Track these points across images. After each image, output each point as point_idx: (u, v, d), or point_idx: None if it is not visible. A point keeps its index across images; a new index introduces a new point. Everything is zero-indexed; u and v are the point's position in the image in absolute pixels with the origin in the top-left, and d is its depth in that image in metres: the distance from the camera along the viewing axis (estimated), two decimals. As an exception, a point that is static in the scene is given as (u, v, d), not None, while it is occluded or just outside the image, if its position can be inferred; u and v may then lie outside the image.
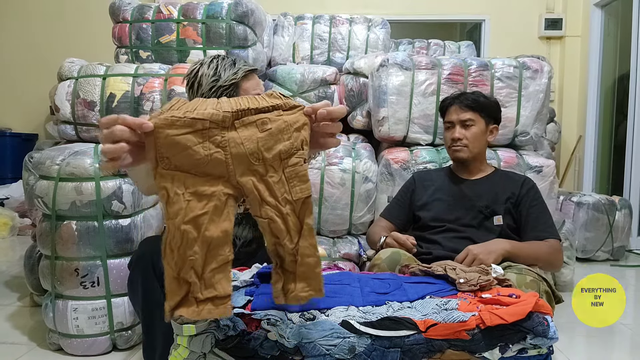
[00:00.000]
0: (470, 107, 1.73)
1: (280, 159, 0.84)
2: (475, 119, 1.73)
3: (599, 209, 3.45)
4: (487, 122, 1.76)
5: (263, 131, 0.84)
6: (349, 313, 1.02)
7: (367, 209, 2.30)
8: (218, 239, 0.82)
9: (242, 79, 1.46)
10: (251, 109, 0.84)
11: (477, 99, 1.75)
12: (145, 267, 1.34)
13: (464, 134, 1.73)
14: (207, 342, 0.99)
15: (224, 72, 1.46)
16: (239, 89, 1.46)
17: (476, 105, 1.73)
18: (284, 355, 0.95)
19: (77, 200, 1.77)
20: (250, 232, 1.64)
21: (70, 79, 2.46)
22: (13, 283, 2.73)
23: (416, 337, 0.95)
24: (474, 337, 0.95)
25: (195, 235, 0.81)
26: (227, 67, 1.47)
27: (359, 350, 0.94)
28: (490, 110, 1.77)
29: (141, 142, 0.82)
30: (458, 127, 1.74)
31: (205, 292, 0.82)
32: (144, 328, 1.44)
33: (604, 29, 4.73)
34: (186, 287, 0.82)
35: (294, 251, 0.85)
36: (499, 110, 1.82)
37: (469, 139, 1.72)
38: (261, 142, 0.83)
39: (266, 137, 0.84)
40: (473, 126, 1.73)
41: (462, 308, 1.02)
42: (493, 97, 1.88)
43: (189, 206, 0.81)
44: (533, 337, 0.96)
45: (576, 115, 4.98)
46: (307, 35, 3.42)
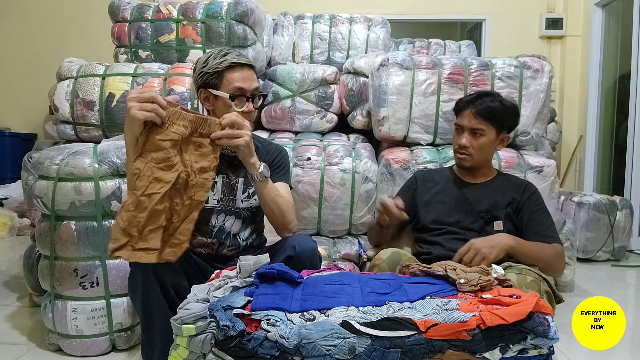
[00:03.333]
0: (483, 117, 1.66)
1: (201, 171, 1.32)
2: (487, 129, 1.67)
3: (599, 209, 3.44)
4: (499, 131, 1.70)
5: (197, 150, 1.33)
6: (349, 313, 1.01)
7: (367, 209, 2.29)
8: (160, 211, 1.23)
9: (227, 69, 1.50)
10: (200, 132, 1.33)
11: (493, 107, 1.66)
12: (145, 267, 1.34)
13: (472, 142, 1.68)
14: (206, 343, 0.99)
15: (213, 60, 1.51)
16: (223, 78, 1.50)
17: (490, 115, 1.66)
18: (283, 356, 0.95)
19: (76, 200, 1.76)
20: (252, 233, 1.66)
21: (69, 79, 2.45)
22: (12, 283, 2.72)
23: (416, 338, 0.95)
24: (475, 338, 0.95)
25: (147, 206, 1.22)
26: (218, 56, 1.52)
27: (359, 351, 0.94)
28: (505, 120, 1.70)
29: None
30: (467, 134, 1.69)
31: (141, 243, 1.22)
32: (143, 326, 1.44)
33: (605, 29, 4.73)
34: (127, 238, 1.21)
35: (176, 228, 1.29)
36: (515, 118, 1.75)
37: (475, 148, 1.68)
38: (194, 157, 1.32)
39: (198, 155, 1.33)
40: (482, 136, 1.67)
41: (462, 308, 1.01)
42: (511, 102, 1.75)
43: (150, 186, 1.23)
44: (534, 338, 0.96)
45: (577, 115, 4.98)
46: (307, 35, 3.41)
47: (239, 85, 1.50)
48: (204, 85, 1.53)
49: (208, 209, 1.58)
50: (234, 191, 1.59)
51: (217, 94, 1.51)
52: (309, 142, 2.48)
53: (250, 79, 1.53)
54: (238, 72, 1.51)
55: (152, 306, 1.35)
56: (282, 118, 2.80)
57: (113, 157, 1.83)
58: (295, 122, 2.79)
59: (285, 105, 2.79)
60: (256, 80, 1.56)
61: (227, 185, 1.58)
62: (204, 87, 1.53)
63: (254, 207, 1.63)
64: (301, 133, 2.79)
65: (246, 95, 1.52)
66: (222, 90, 1.50)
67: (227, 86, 1.50)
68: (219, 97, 1.51)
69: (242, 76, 1.51)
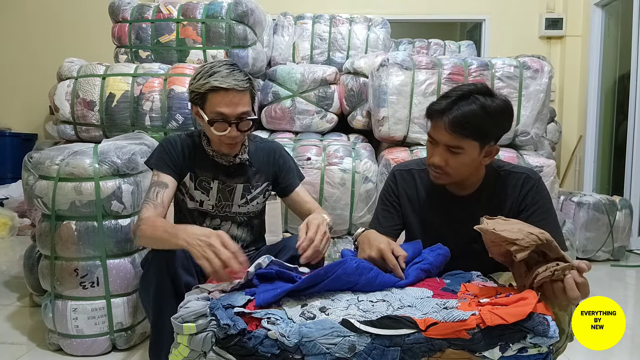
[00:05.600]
0: (460, 132, 1.27)
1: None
2: (467, 146, 1.29)
3: (599, 209, 3.44)
4: (482, 145, 1.31)
5: None
6: (349, 312, 1.02)
7: (367, 209, 2.29)
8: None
9: (210, 91, 1.41)
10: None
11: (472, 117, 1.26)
12: (160, 266, 1.34)
13: (448, 160, 1.32)
14: (207, 341, 0.99)
15: (200, 78, 1.43)
16: (206, 100, 1.43)
17: (470, 128, 1.27)
18: (284, 354, 0.95)
19: (76, 200, 1.76)
20: (249, 235, 1.67)
21: (69, 79, 2.46)
22: (12, 283, 2.73)
23: (416, 336, 0.95)
24: (474, 337, 0.95)
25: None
26: (205, 75, 1.43)
27: (359, 349, 0.94)
28: (490, 129, 1.30)
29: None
30: (441, 150, 1.32)
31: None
32: (153, 325, 1.44)
33: (605, 29, 4.73)
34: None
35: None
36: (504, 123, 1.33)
37: (453, 167, 1.32)
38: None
39: None
40: (461, 155, 1.30)
41: (461, 308, 1.01)
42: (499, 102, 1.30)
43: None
44: (533, 337, 0.96)
45: (576, 115, 4.98)
46: (307, 35, 3.42)
47: (219, 110, 1.41)
48: (192, 101, 1.49)
49: (202, 212, 1.59)
50: (230, 197, 1.59)
51: (201, 114, 1.46)
52: (309, 142, 2.48)
53: (235, 104, 1.42)
54: (221, 96, 1.41)
55: (164, 306, 1.34)
56: (282, 118, 2.80)
57: (113, 157, 1.83)
58: (295, 122, 2.80)
59: (285, 105, 2.79)
60: (246, 103, 1.45)
61: (223, 192, 1.58)
62: (194, 104, 1.49)
63: (252, 212, 1.64)
64: (301, 133, 2.80)
65: (228, 121, 1.43)
66: (205, 112, 1.45)
67: (209, 109, 1.43)
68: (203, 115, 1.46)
69: (225, 100, 1.41)
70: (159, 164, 1.51)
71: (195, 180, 1.56)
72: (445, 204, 1.44)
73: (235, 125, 1.44)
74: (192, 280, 1.40)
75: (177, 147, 1.54)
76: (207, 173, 1.56)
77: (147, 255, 1.45)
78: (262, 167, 1.62)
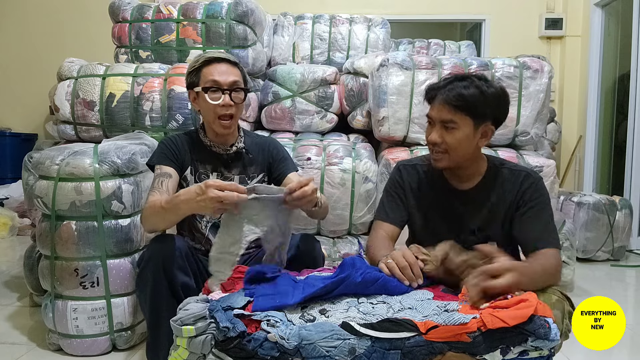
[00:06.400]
0: (453, 105, 1.34)
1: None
2: (460, 121, 1.35)
3: (599, 209, 3.44)
4: (477, 123, 1.37)
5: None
6: (349, 314, 1.02)
7: (367, 209, 2.29)
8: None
9: (204, 65, 1.55)
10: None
11: (466, 94, 1.34)
12: (156, 268, 1.34)
13: (444, 137, 1.37)
14: (206, 343, 0.99)
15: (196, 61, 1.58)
16: (200, 74, 1.56)
17: (461, 104, 1.34)
18: (283, 357, 0.95)
19: (76, 200, 1.76)
20: None
21: (69, 79, 2.45)
22: (13, 283, 2.73)
23: (417, 339, 0.95)
24: (475, 340, 0.95)
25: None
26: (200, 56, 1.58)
27: (359, 352, 0.94)
28: (484, 109, 1.36)
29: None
30: (438, 127, 1.39)
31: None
32: (150, 327, 1.44)
33: (605, 29, 4.72)
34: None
35: None
36: (500, 106, 1.39)
37: (450, 144, 1.37)
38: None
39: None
40: (455, 130, 1.36)
41: (462, 310, 1.01)
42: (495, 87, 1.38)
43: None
44: (534, 340, 0.96)
45: (576, 115, 4.98)
46: (307, 35, 3.41)
47: (212, 78, 1.53)
48: (189, 85, 1.59)
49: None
50: None
51: (196, 90, 1.56)
52: (309, 142, 2.48)
53: (227, 73, 1.55)
54: (214, 67, 1.54)
55: (161, 306, 1.35)
56: (282, 118, 2.80)
57: (113, 157, 1.83)
58: (295, 122, 2.80)
59: (286, 105, 2.79)
60: (237, 75, 1.57)
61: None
62: (190, 88, 1.59)
63: None
64: (301, 133, 2.80)
65: (221, 88, 1.53)
66: (200, 85, 1.55)
67: (203, 80, 1.55)
68: (200, 94, 1.56)
69: (217, 70, 1.54)
70: (161, 158, 1.58)
71: (195, 174, 1.61)
72: (446, 196, 1.48)
73: (228, 93, 1.54)
74: (188, 280, 1.41)
75: (177, 142, 1.62)
76: (206, 165, 1.62)
77: (143, 255, 1.45)
78: (258, 158, 1.68)
